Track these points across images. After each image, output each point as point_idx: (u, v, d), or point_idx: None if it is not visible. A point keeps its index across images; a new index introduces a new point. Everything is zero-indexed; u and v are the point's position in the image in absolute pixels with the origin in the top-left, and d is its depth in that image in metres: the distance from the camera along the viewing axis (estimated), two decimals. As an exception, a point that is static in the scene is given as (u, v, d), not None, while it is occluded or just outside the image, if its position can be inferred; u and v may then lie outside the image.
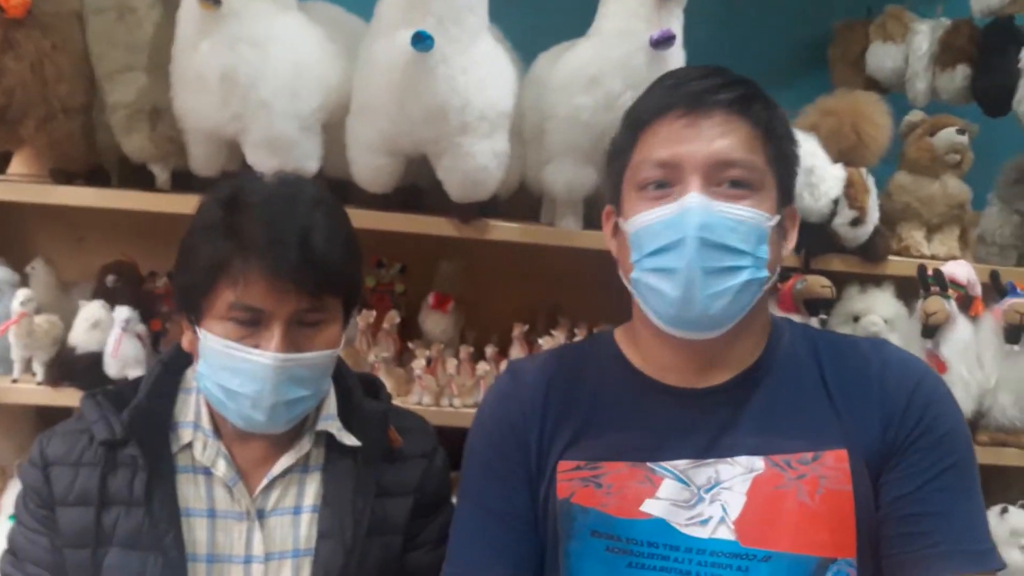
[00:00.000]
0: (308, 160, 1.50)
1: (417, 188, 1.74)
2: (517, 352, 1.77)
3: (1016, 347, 1.67)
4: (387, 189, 1.61)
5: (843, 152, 1.71)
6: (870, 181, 1.71)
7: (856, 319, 1.76)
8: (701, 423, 0.98)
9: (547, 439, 1.02)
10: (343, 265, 1.06)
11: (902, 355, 1.02)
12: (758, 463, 0.94)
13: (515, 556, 1.01)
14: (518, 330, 1.78)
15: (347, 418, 1.14)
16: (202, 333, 1.04)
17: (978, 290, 1.71)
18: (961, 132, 1.72)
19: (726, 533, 0.92)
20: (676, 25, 1.50)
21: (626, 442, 0.98)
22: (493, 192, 1.61)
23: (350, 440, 1.12)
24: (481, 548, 1.02)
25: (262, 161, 1.45)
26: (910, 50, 1.77)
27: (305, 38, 1.48)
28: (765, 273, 0.94)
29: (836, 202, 1.67)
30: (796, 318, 1.70)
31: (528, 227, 1.67)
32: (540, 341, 1.70)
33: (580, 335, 1.77)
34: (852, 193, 1.67)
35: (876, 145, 1.72)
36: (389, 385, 1.63)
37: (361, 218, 1.11)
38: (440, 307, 1.79)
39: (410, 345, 1.76)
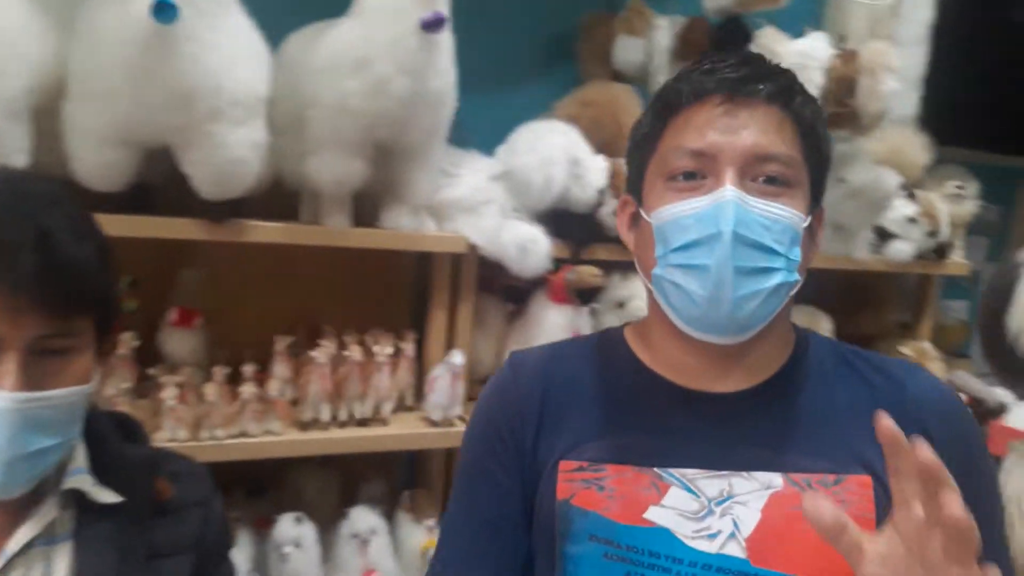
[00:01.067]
0: (16, 153, 1.21)
1: (147, 186, 1.49)
2: (282, 370, 1.58)
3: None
4: (119, 186, 1.35)
5: (603, 143, 1.74)
6: (630, 171, 1.75)
7: (621, 305, 1.80)
8: (715, 431, 0.90)
9: (545, 437, 0.94)
10: (95, 276, 0.85)
11: (936, 385, 0.95)
12: (776, 480, 0.87)
13: (503, 560, 0.95)
14: (281, 344, 1.59)
15: (102, 470, 0.93)
16: None
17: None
18: (703, 123, 1.81)
19: (736, 550, 0.84)
20: (444, 7, 1.41)
21: (633, 445, 0.90)
22: (249, 186, 1.41)
23: (109, 497, 0.91)
24: (469, 548, 0.96)
25: (-46, 155, 1.14)
26: (652, 45, 1.83)
27: (6, 7, 1.18)
28: (796, 277, 0.88)
29: (602, 192, 1.68)
30: (568, 308, 1.70)
31: (292, 227, 1.50)
32: (312, 354, 1.52)
33: (352, 344, 1.63)
34: (617, 183, 1.69)
35: (633, 135, 1.76)
36: (135, 421, 1.38)
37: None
38: (185, 324, 1.56)
39: (151, 372, 1.51)
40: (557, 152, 1.63)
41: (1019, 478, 1.58)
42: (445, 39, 1.44)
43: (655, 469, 0.89)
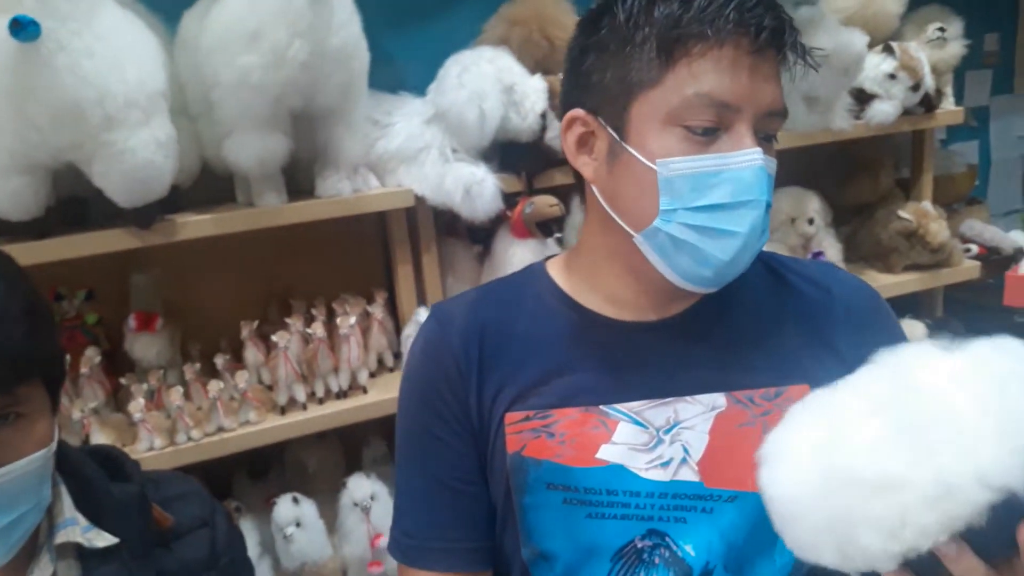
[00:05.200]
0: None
1: (78, 199, 1.46)
2: (253, 355, 1.57)
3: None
4: (38, 212, 1.32)
5: (538, 62, 1.64)
6: (571, 86, 1.66)
7: (590, 227, 1.74)
8: (655, 359, 0.89)
9: (488, 390, 0.91)
10: (27, 345, 0.80)
11: (857, 284, 0.98)
12: (720, 400, 0.87)
13: (470, 521, 0.94)
14: (247, 329, 1.57)
15: (94, 513, 0.92)
16: None
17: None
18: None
19: (689, 474, 0.85)
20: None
21: (575, 386, 0.89)
22: (168, 186, 1.37)
23: (105, 541, 0.90)
24: (432, 515, 0.95)
25: None
26: (577, -57, 1.70)
27: None
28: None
29: (544, 116, 1.60)
30: (532, 242, 1.64)
31: (224, 215, 1.45)
32: (275, 338, 1.50)
33: (320, 315, 1.61)
34: (557, 104, 1.60)
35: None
36: (109, 438, 1.39)
37: (17, 254, 0.87)
38: (146, 327, 1.54)
39: (123, 381, 1.50)
40: (487, 82, 1.54)
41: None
42: (338, -8, 1.36)
43: (601, 407, 0.87)
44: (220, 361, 1.53)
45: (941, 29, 2.04)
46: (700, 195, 0.80)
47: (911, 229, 2.02)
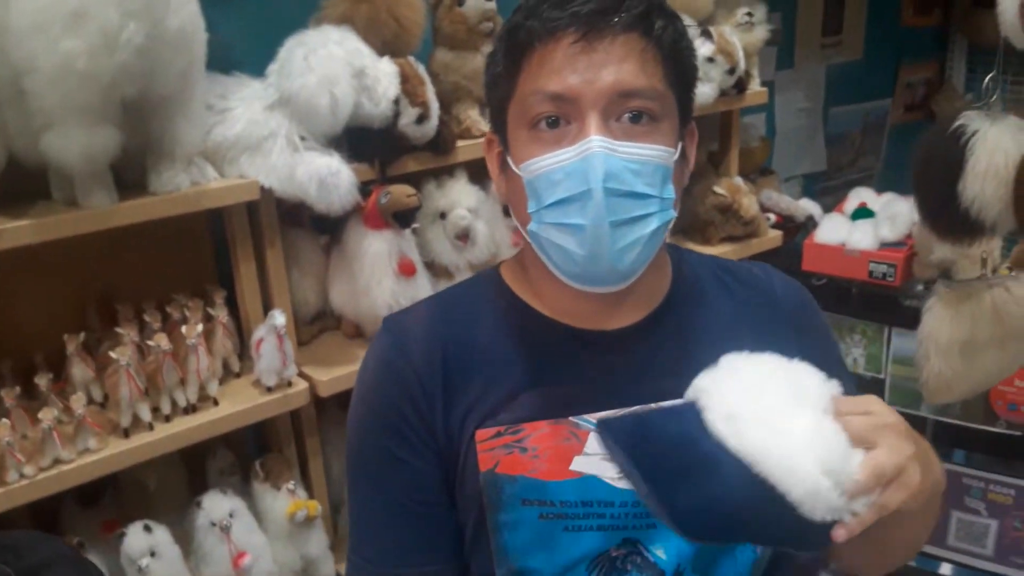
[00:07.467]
0: None
1: None
2: (81, 372, 1.40)
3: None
4: None
5: (386, 43, 1.56)
6: (421, 70, 1.60)
7: (443, 215, 1.70)
8: (617, 368, 0.91)
9: (458, 409, 0.89)
10: None
11: (794, 285, 1.04)
12: None
13: (435, 543, 0.92)
14: (73, 344, 1.40)
15: None
16: None
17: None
18: (488, -2, 1.66)
19: None
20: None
21: (544, 398, 0.89)
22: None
23: None
24: (396, 540, 0.92)
25: None
26: (418, -84, 1.63)
27: None
28: (672, 214, 0.85)
29: (397, 102, 1.52)
30: (388, 233, 1.58)
31: (47, 220, 1.26)
32: (113, 354, 1.34)
33: (154, 321, 1.46)
34: (410, 88, 1.54)
35: (417, 28, 1.59)
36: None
37: None
38: (-51, 350, 1.32)
39: (-77, 415, 1.29)
40: (337, 66, 1.44)
41: (934, 318, 1.71)
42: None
43: (571, 419, 0.88)
44: (43, 382, 1.35)
45: (749, 14, 2.18)
46: (550, 193, 0.82)
47: (726, 203, 2.16)
